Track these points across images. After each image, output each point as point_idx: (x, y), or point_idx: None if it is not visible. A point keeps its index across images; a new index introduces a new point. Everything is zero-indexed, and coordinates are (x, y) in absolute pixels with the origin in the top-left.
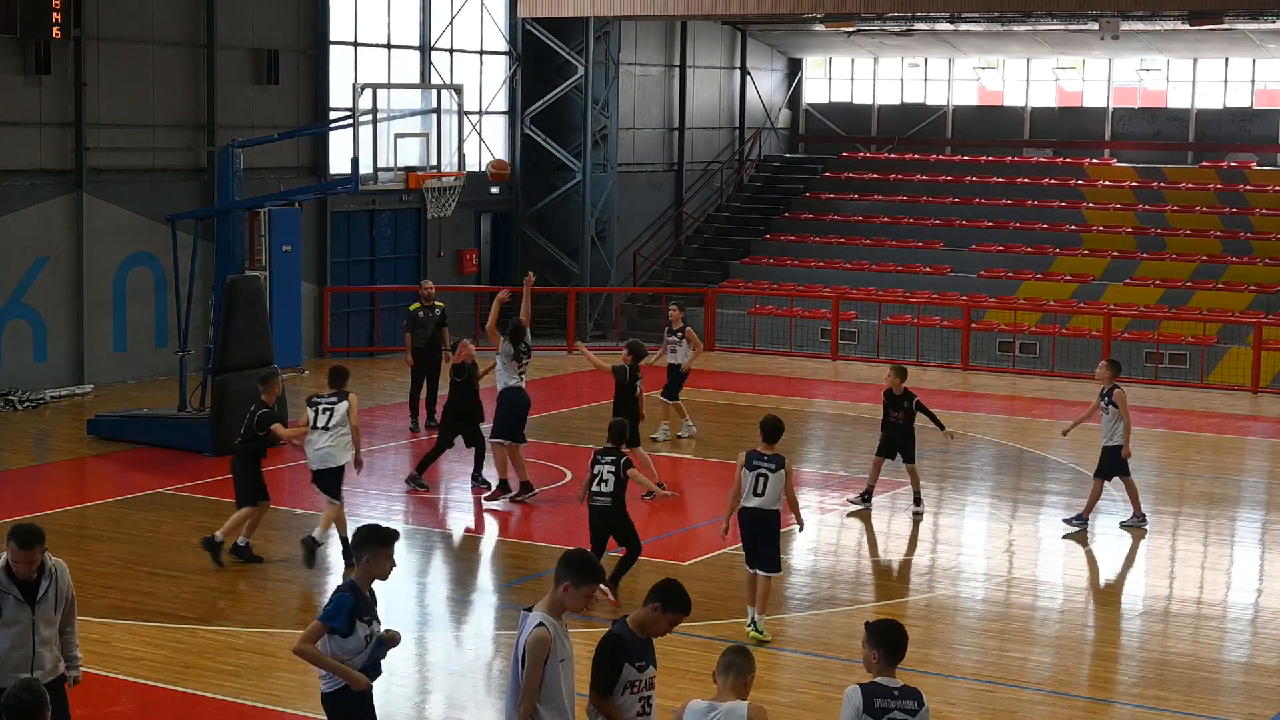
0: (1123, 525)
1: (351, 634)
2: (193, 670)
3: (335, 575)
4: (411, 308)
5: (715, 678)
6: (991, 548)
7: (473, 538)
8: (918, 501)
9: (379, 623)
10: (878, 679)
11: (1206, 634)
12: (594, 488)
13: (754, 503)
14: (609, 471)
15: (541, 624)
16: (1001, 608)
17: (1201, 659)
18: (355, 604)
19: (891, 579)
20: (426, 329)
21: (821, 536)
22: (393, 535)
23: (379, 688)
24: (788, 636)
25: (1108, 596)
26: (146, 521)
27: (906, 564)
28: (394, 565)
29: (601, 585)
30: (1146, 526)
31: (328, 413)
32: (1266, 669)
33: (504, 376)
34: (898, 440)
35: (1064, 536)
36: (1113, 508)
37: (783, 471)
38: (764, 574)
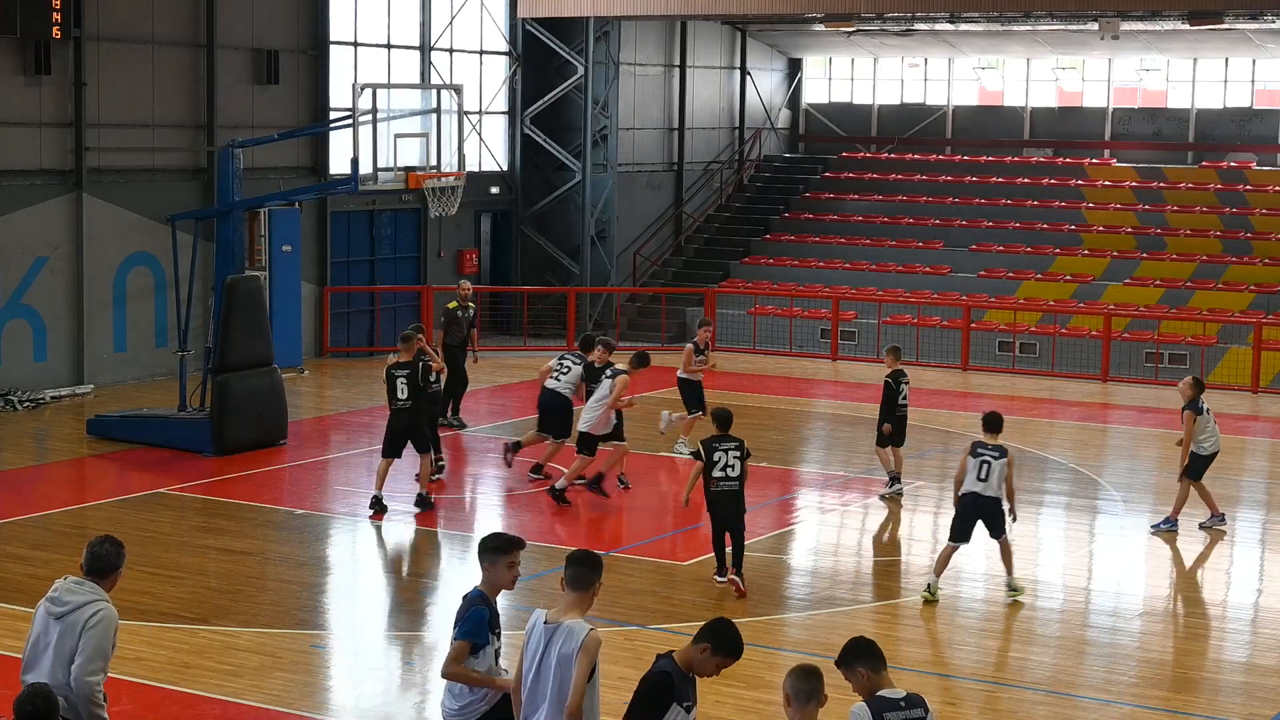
0: (1201, 526)
1: (485, 648)
2: (193, 670)
3: (337, 573)
4: (450, 305)
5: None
6: (991, 548)
7: (473, 538)
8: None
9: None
10: (881, 692)
11: (1207, 634)
12: (720, 473)
13: (977, 488)
14: (734, 457)
15: (593, 630)
16: (1002, 607)
17: (1202, 659)
18: (490, 616)
19: (891, 579)
20: (461, 328)
21: (821, 536)
22: (515, 543)
23: (380, 689)
24: (787, 637)
25: (1107, 597)
26: (146, 521)
27: (906, 564)
28: (517, 574)
29: (731, 575)
30: (1223, 527)
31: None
32: (1267, 669)
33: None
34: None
35: (1152, 533)
36: (1112, 507)
37: (1005, 460)
38: (1003, 537)
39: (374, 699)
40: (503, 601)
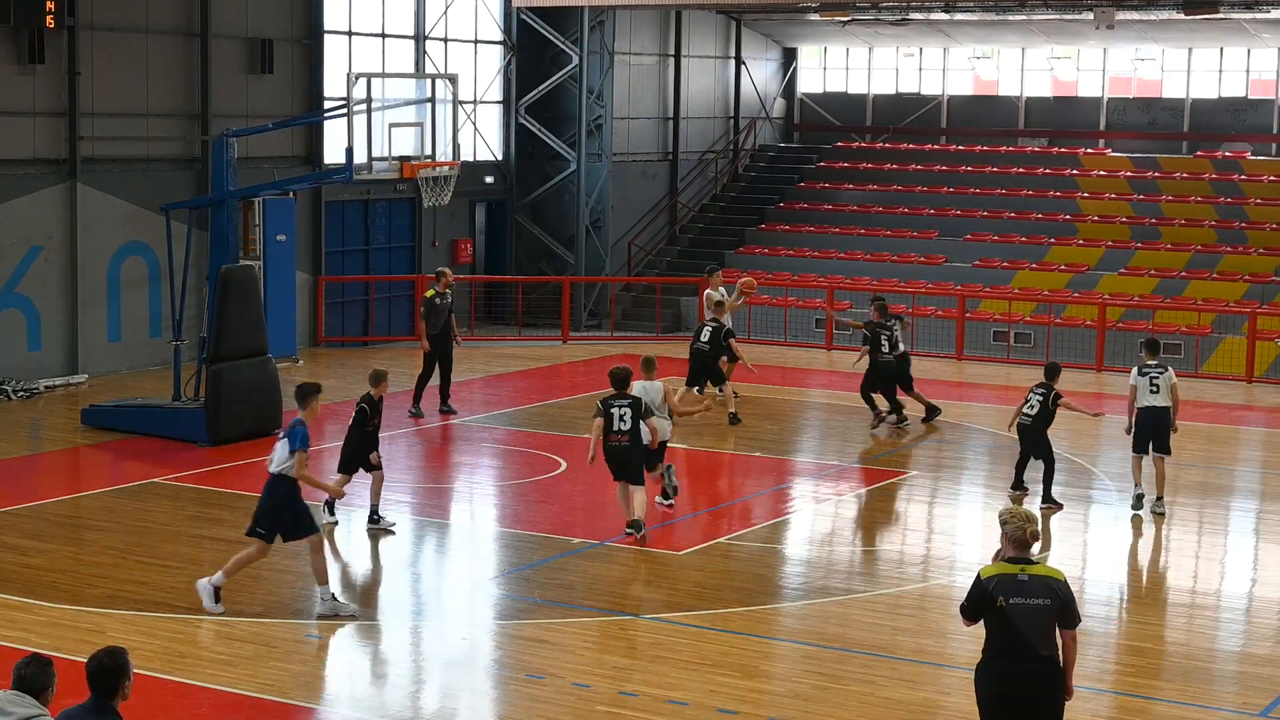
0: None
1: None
2: (187, 660)
3: (331, 563)
4: (428, 294)
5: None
6: (986, 537)
7: (467, 528)
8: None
9: None
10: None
11: (1201, 623)
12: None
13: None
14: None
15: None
16: None
17: (1196, 648)
18: (306, 432)
19: (885, 568)
20: (441, 316)
21: (815, 526)
22: (315, 389)
23: (375, 678)
24: (782, 626)
25: (1101, 586)
26: (141, 511)
27: (900, 554)
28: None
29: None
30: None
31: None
32: (1261, 658)
33: None
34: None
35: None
36: (1106, 496)
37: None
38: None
39: (368, 688)
40: (498, 591)
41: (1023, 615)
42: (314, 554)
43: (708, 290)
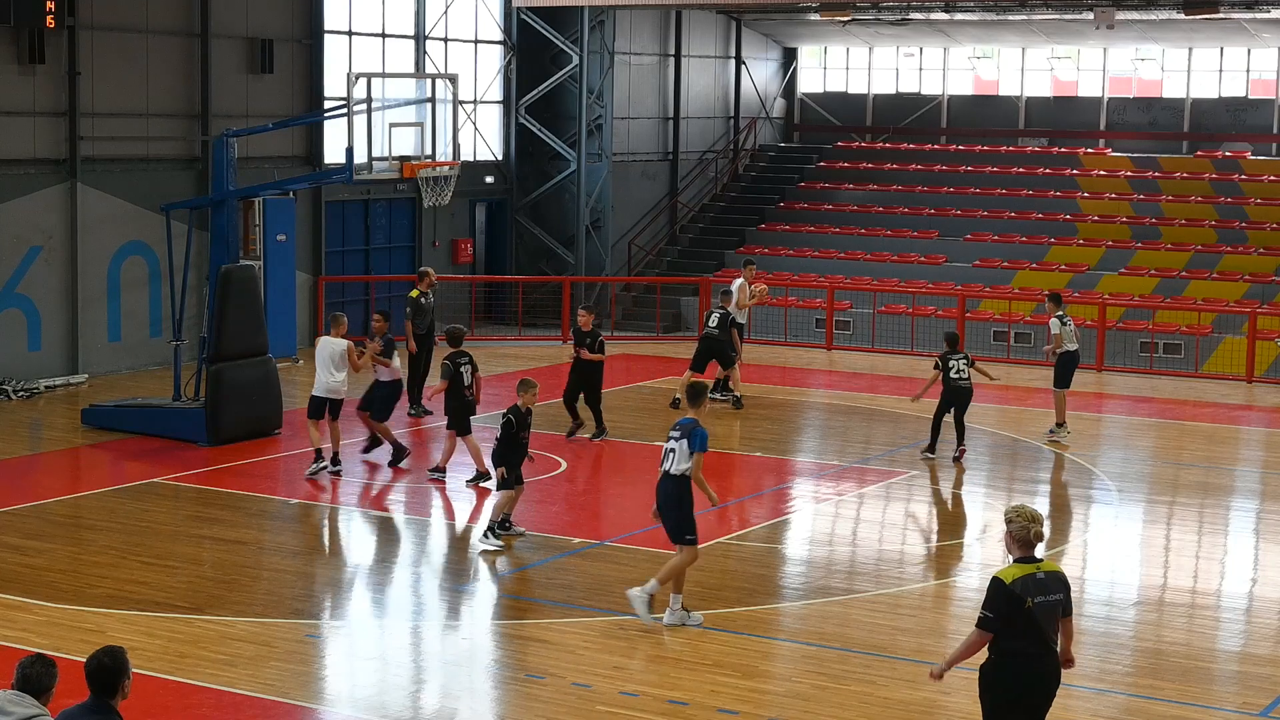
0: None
1: None
2: (188, 660)
3: (332, 562)
4: (413, 294)
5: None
6: (986, 537)
7: (469, 527)
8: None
9: None
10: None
11: (1201, 623)
12: (963, 378)
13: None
14: (964, 364)
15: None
16: None
17: (1196, 648)
18: None
19: (885, 568)
20: (427, 316)
21: (815, 526)
22: None
23: (375, 678)
24: (782, 626)
25: (1101, 586)
26: (141, 511)
27: (900, 554)
28: None
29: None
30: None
31: None
32: (1261, 658)
33: None
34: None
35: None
36: (1106, 496)
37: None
38: None
39: (369, 688)
40: (498, 591)
41: (1045, 613)
42: (680, 559)
43: (739, 280)
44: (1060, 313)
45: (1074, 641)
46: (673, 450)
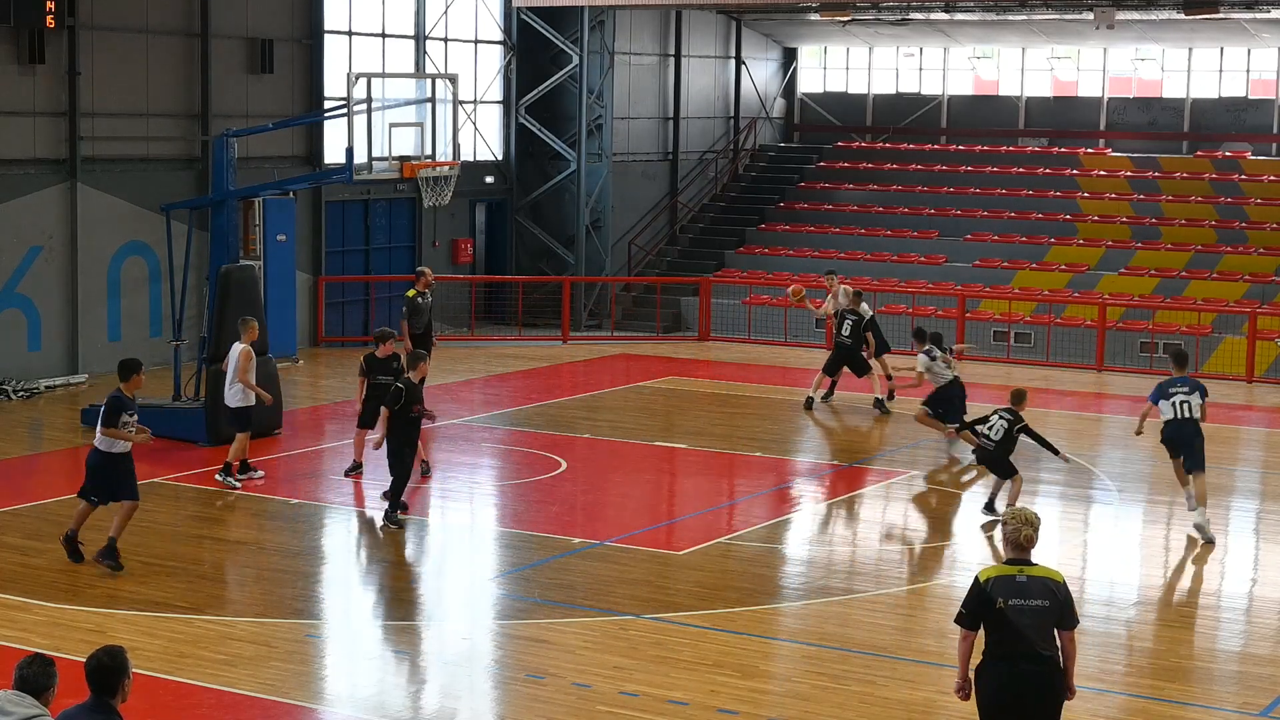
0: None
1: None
2: (188, 660)
3: (332, 563)
4: (410, 294)
5: None
6: (985, 537)
7: (467, 528)
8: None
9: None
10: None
11: (1202, 623)
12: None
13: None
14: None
15: None
16: None
17: (1197, 648)
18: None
19: (885, 568)
20: (424, 315)
21: (815, 526)
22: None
23: (376, 678)
24: (782, 626)
25: (1101, 586)
26: (141, 511)
27: (900, 554)
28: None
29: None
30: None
31: None
32: (1261, 658)
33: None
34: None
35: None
36: (1106, 496)
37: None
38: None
39: (369, 688)
40: (498, 591)
41: (1022, 616)
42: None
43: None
44: (928, 348)
45: (1074, 664)
46: (1185, 401)
